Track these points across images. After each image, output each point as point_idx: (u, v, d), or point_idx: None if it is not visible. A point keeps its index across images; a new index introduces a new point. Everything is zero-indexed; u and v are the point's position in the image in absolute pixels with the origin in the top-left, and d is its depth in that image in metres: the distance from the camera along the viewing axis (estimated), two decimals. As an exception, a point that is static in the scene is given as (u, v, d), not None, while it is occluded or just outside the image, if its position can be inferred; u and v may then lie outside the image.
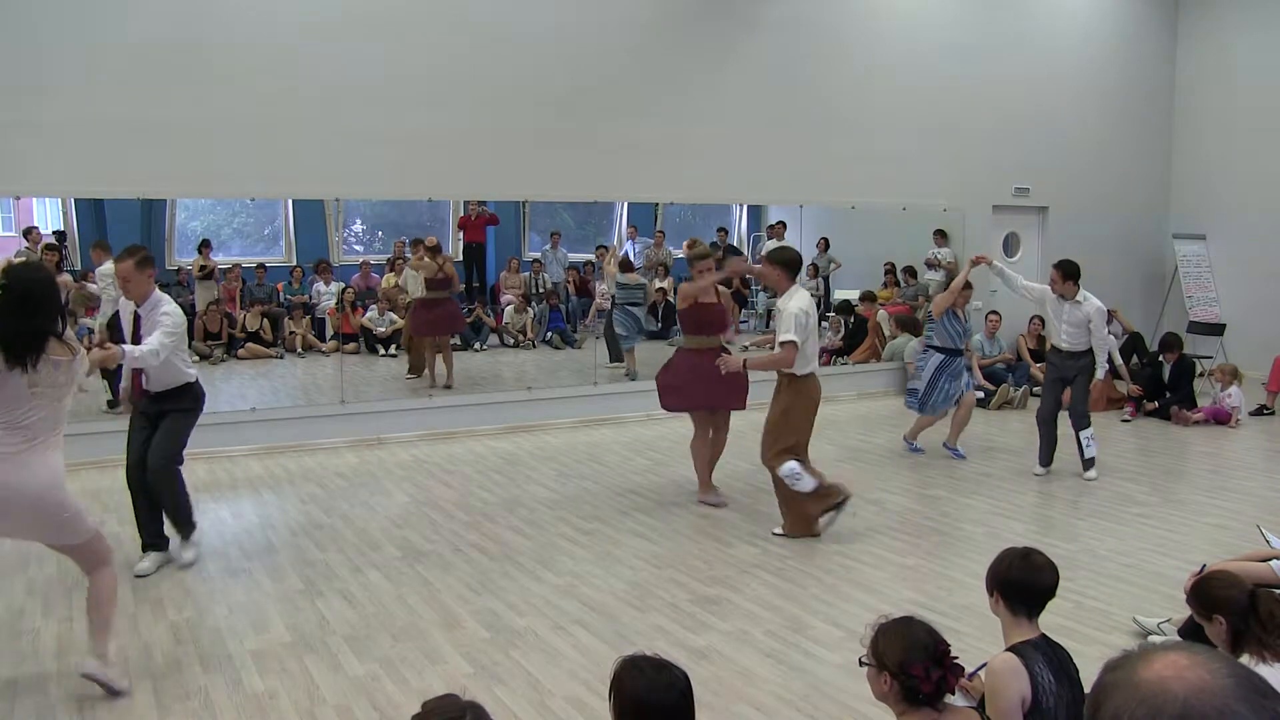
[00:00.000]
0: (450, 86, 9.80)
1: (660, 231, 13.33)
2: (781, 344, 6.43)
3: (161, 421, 6.07)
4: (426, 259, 10.72)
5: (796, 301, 6.50)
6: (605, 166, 10.69)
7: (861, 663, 2.83)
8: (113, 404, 9.00)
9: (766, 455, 6.68)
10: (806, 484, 6.51)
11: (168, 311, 5.81)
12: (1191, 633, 4.53)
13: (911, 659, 2.69)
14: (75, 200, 10.12)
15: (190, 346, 5.97)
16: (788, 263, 6.66)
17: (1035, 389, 11.62)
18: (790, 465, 6.51)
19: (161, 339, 5.57)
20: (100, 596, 4.48)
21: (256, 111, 9.04)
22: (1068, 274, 8.15)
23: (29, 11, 8.30)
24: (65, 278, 9.32)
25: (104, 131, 8.50)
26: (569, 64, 10.38)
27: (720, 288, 7.71)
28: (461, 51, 9.83)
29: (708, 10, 11.10)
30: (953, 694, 2.79)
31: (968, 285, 8.83)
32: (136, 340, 5.83)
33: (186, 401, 6.11)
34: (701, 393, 7.34)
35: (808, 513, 6.64)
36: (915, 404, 9.04)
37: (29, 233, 10.07)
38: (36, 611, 5.34)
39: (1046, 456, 8.46)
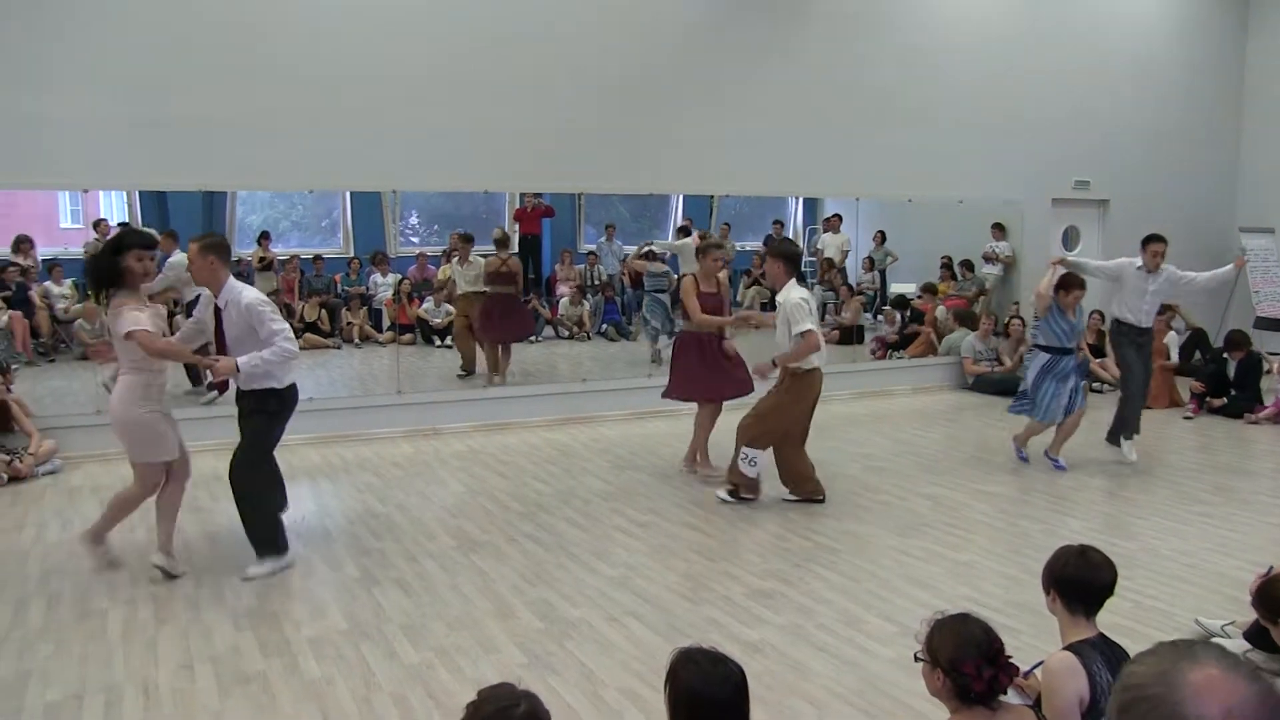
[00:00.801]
0: (507, 80, 9.84)
1: (725, 225, 13.32)
2: (801, 334, 6.68)
3: (243, 423, 5.82)
4: (472, 255, 10.61)
5: (797, 293, 6.81)
6: (660, 159, 10.68)
7: (916, 658, 2.81)
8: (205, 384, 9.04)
9: (750, 436, 7.02)
10: (752, 473, 7.02)
11: (263, 307, 5.56)
12: (1257, 635, 4.46)
13: (964, 656, 2.66)
14: (140, 193, 10.29)
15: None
16: (790, 256, 7.02)
17: (1094, 384, 11.45)
18: (755, 453, 6.95)
19: (285, 342, 5.54)
20: (119, 499, 5.69)
21: (315, 105, 9.15)
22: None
23: (91, 10, 8.46)
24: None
25: (167, 126, 8.65)
26: (624, 57, 10.39)
27: (719, 277, 7.87)
28: (518, 45, 9.86)
29: (765, 3, 11.04)
30: (1005, 693, 2.77)
31: (1079, 285, 8.12)
32: (219, 335, 5.72)
33: (271, 404, 5.77)
34: (704, 386, 7.83)
35: (807, 474, 7.18)
36: (1021, 408, 8.41)
37: (97, 224, 10.27)
38: (102, 592, 5.46)
39: (1137, 426, 8.48)
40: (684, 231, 11.84)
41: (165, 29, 8.66)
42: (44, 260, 10.39)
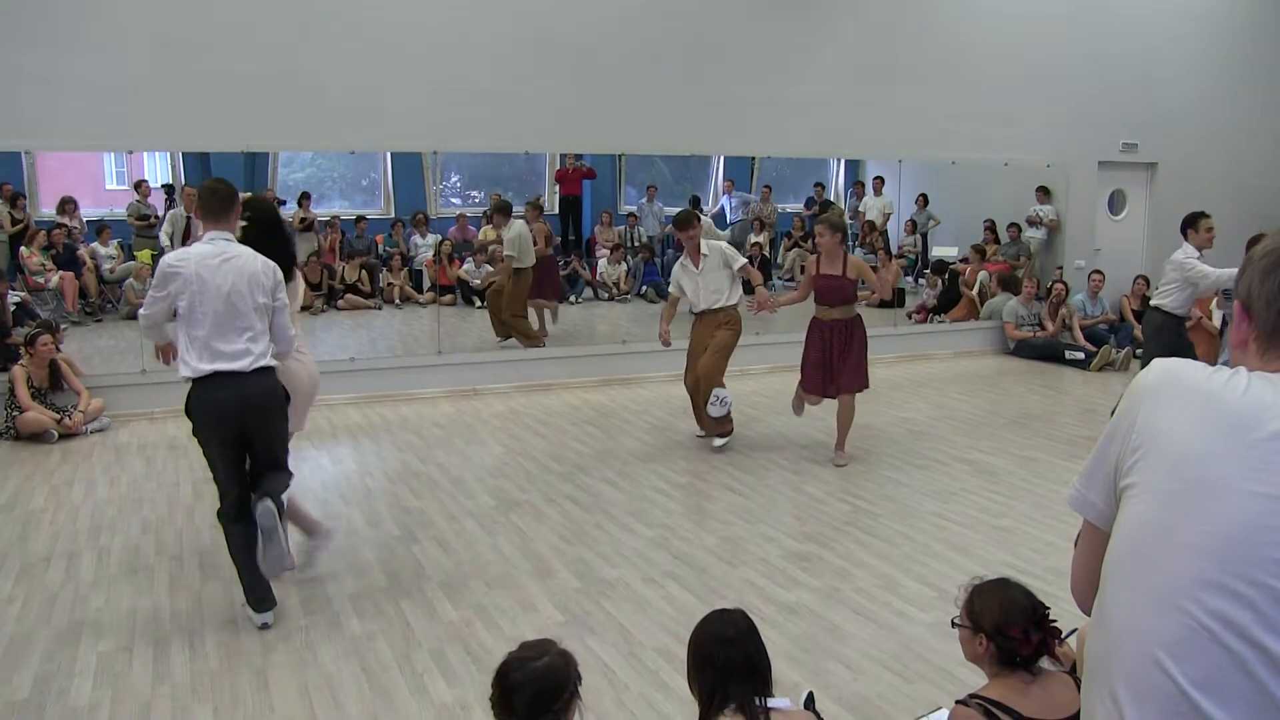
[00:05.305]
0: (548, 40, 9.81)
1: (767, 187, 13.22)
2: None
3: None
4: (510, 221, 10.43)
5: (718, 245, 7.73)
6: (702, 120, 10.61)
7: (954, 624, 2.79)
8: None
9: (717, 377, 7.44)
10: (721, 411, 7.37)
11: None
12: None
13: (1010, 621, 2.64)
14: (183, 154, 10.36)
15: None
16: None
17: (1138, 350, 11.30)
18: (725, 392, 7.37)
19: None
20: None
21: (356, 65, 9.16)
22: None
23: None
24: None
25: (209, 87, 8.71)
26: (666, 16, 10.30)
27: (852, 256, 7.27)
28: (558, 4, 9.82)
29: (808, -40, 10.91)
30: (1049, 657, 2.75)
31: None
32: None
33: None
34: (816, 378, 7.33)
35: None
36: None
37: (139, 185, 10.37)
38: (150, 549, 5.55)
39: None
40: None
41: (208, -11, 8.70)
42: (90, 221, 10.51)
